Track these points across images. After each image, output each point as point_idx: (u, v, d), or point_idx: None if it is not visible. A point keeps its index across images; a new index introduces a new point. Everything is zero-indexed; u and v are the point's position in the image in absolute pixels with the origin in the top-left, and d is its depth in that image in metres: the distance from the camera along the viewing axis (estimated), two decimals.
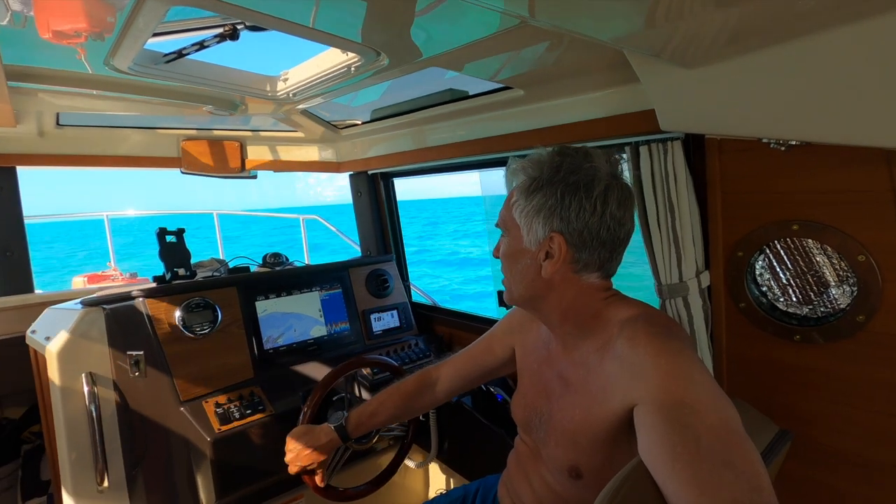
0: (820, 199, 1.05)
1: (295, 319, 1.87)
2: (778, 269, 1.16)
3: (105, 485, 1.34)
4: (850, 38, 0.75)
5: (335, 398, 1.58)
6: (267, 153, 2.21)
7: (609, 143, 1.34)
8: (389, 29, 0.98)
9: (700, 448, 0.66)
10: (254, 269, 2.02)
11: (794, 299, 1.15)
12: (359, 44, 1.06)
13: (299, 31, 0.97)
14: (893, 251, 0.97)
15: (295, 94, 1.48)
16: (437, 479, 2.11)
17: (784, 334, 1.15)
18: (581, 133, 1.36)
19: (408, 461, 1.86)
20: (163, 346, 1.55)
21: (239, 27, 1.11)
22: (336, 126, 2.08)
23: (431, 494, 2.13)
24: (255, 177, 2.24)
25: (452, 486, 2.03)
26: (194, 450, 1.49)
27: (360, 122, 2.04)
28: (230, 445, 1.48)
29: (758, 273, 1.20)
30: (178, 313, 1.60)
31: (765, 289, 1.19)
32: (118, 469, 1.40)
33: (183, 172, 2.08)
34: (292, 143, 2.23)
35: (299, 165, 2.31)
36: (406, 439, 1.61)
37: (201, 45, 1.17)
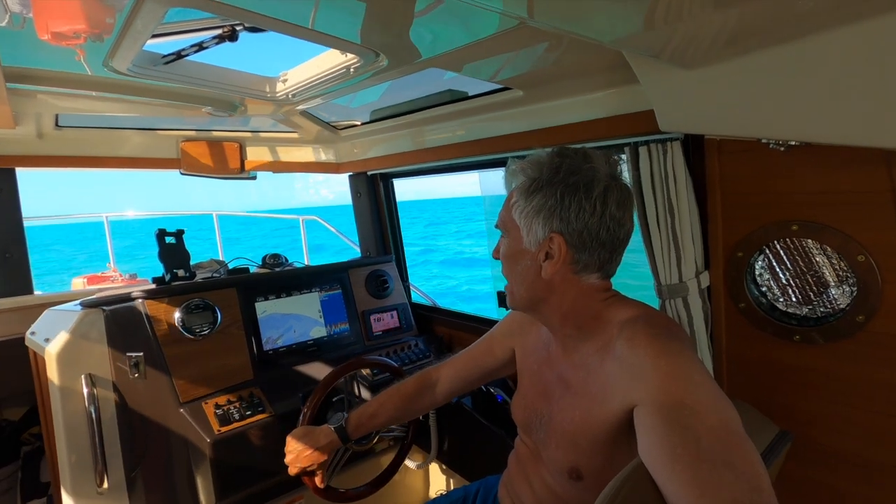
0: (819, 200, 1.05)
1: (294, 320, 1.87)
2: (778, 270, 1.16)
3: (105, 486, 1.34)
4: (849, 39, 0.75)
5: (335, 399, 1.58)
6: (266, 154, 2.21)
7: (608, 143, 1.34)
8: (388, 30, 0.98)
9: (700, 449, 0.66)
10: (253, 270, 2.02)
11: (793, 299, 1.15)
12: (358, 45, 1.06)
13: (298, 32, 0.97)
14: (893, 251, 0.97)
15: (294, 95, 1.48)
16: (438, 480, 2.11)
17: (784, 334, 1.15)
18: (580, 134, 1.36)
19: (408, 462, 1.86)
20: (162, 347, 1.55)
21: (238, 28, 1.11)
22: (335, 127, 2.08)
23: (432, 495, 2.13)
24: (254, 177, 2.23)
25: (453, 487, 2.03)
26: (194, 451, 1.49)
27: (359, 123, 2.04)
28: (230, 446, 1.48)
29: (757, 273, 1.20)
30: (177, 314, 1.60)
31: (764, 289, 1.19)
32: (118, 470, 1.40)
33: (182, 173, 2.07)
34: (292, 143, 2.23)
35: (299, 166, 2.31)
36: (406, 440, 1.61)
37: (200, 47, 1.17)
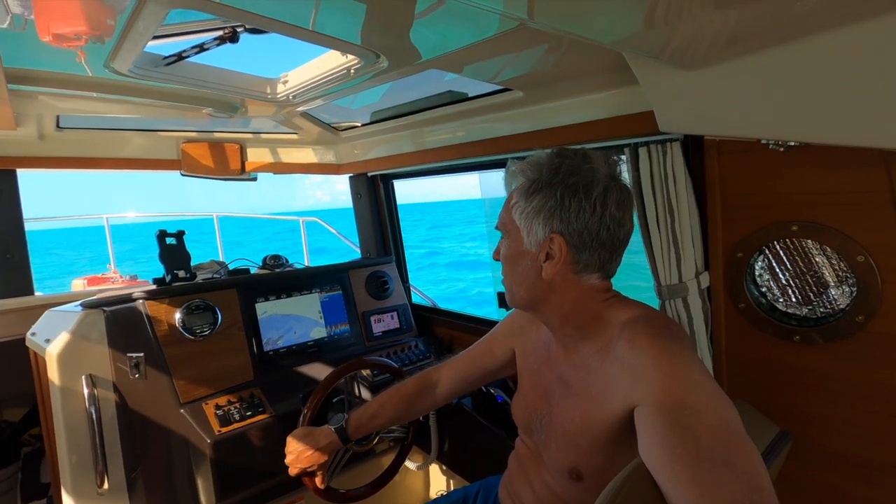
0: (819, 200, 1.05)
1: (295, 321, 1.87)
2: (777, 270, 1.16)
3: (105, 487, 1.34)
4: (848, 40, 0.75)
5: (335, 400, 1.58)
6: (267, 155, 2.21)
7: (608, 144, 1.34)
8: (389, 31, 0.99)
9: (700, 449, 0.66)
10: (254, 271, 2.02)
11: (793, 300, 1.15)
12: (358, 46, 1.06)
13: (299, 33, 0.97)
14: (892, 252, 0.97)
15: (295, 97, 1.48)
16: (438, 481, 2.11)
17: (784, 335, 1.15)
18: (580, 134, 1.37)
19: (408, 463, 1.86)
20: (163, 347, 1.55)
21: (239, 30, 1.12)
22: (336, 128, 2.08)
23: (432, 496, 2.13)
24: (254, 179, 2.23)
25: (453, 488, 2.02)
26: (194, 451, 1.49)
27: (359, 124, 2.04)
28: (230, 447, 1.48)
29: (757, 274, 1.20)
30: (178, 315, 1.60)
31: (764, 289, 1.19)
32: (118, 471, 1.40)
33: (183, 174, 2.07)
34: (292, 145, 2.24)
35: (299, 167, 2.31)
36: (406, 441, 1.61)
37: (201, 48, 1.17)
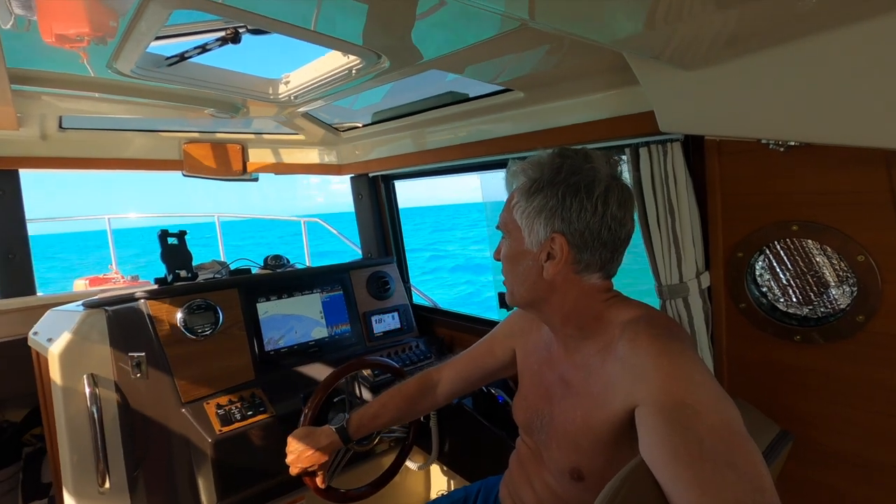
0: (819, 200, 1.05)
1: (296, 321, 1.87)
2: (778, 270, 1.16)
3: (106, 486, 1.34)
4: (848, 40, 0.76)
5: (336, 400, 1.58)
6: (268, 156, 2.21)
7: (609, 144, 1.34)
8: (390, 32, 0.99)
9: (702, 449, 0.66)
10: (255, 271, 2.03)
11: (794, 300, 1.15)
12: (360, 46, 1.07)
13: (301, 33, 0.98)
14: (893, 252, 0.97)
15: (296, 97, 1.49)
16: (438, 481, 2.11)
17: (784, 335, 1.15)
18: (581, 135, 1.37)
19: (409, 463, 1.86)
20: (164, 347, 1.55)
21: (241, 30, 1.12)
22: (337, 129, 2.09)
23: (432, 496, 2.13)
24: (256, 179, 2.24)
25: (453, 488, 2.02)
26: (195, 451, 1.49)
27: (361, 125, 2.04)
28: (231, 446, 1.48)
29: (758, 274, 1.20)
30: (179, 315, 1.61)
31: (765, 289, 1.20)
32: (119, 470, 1.40)
33: (185, 175, 2.08)
34: (294, 145, 2.24)
35: (301, 168, 2.32)
36: (407, 441, 1.61)
37: (203, 49, 1.18)
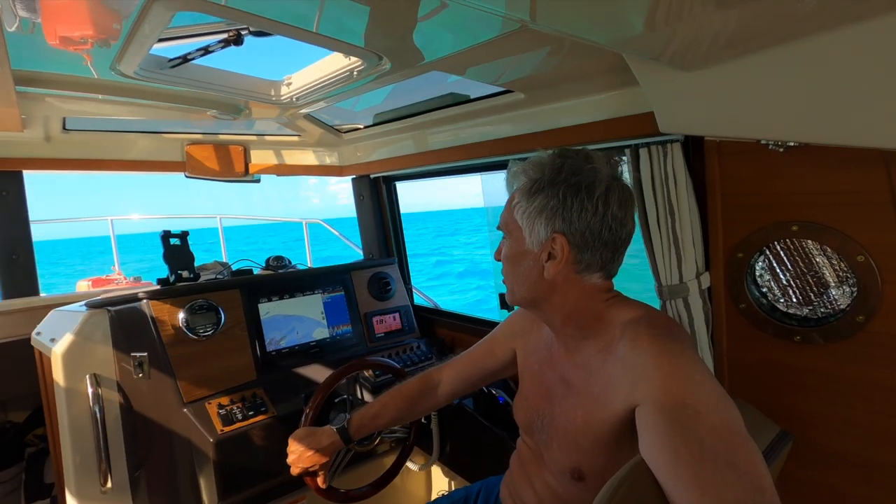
0: (819, 201, 1.05)
1: (297, 322, 1.88)
2: (778, 270, 1.16)
3: (108, 486, 1.35)
4: (847, 40, 0.76)
5: (337, 400, 1.58)
6: (270, 157, 2.22)
7: (609, 145, 1.35)
8: (392, 33, 0.99)
9: (702, 449, 0.66)
10: (257, 271, 2.03)
11: (794, 300, 1.15)
12: (361, 48, 1.07)
13: (303, 35, 0.98)
14: (892, 252, 0.98)
15: (298, 99, 1.50)
16: (439, 481, 2.11)
17: (784, 335, 1.15)
18: (581, 136, 1.37)
19: (409, 463, 1.86)
20: (166, 347, 1.56)
21: (243, 32, 1.13)
22: (339, 130, 2.09)
23: (433, 496, 2.13)
24: (258, 180, 2.25)
25: (454, 488, 2.02)
26: (197, 451, 1.49)
27: (362, 127, 2.05)
28: (233, 446, 1.48)
29: (758, 274, 1.20)
30: (181, 315, 1.61)
31: (765, 290, 1.20)
32: (121, 470, 1.41)
33: (187, 176, 2.09)
34: (295, 147, 2.25)
35: (302, 169, 2.33)
36: (408, 441, 1.61)
37: (206, 51, 1.18)
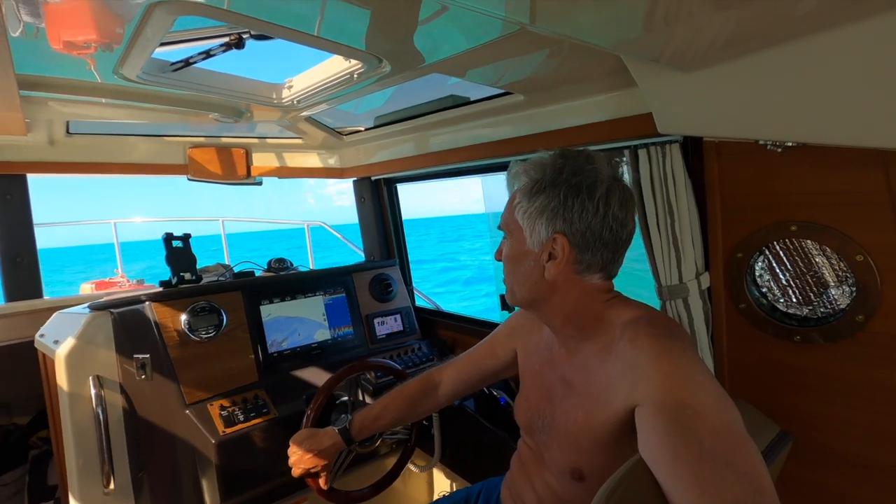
0: (818, 201, 1.05)
1: (299, 323, 1.89)
2: (777, 270, 1.16)
3: (111, 488, 1.35)
4: (845, 40, 0.76)
5: (338, 402, 1.58)
6: (272, 160, 2.23)
7: (608, 146, 1.35)
8: (393, 36, 1.00)
9: (702, 449, 0.66)
10: (258, 273, 2.04)
11: (794, 300, 1.15)
12: (362, 51, 1.08)
13: (304, 39, 0.99)
14: (891, 251, 0.98)
15: (299, 102, 1.51)
16: (440, 482, 2.11)
17: (784, 335, 1.15)
18: (581, 137, 1.38)
19: (411, 465, 1.86)
20: (169, 349, 1.56)
21: (245, 36, 1.14)
22: (340, 132, 2.10)
23: (434, 497, 2.13)
24: (260, 183, 2.26)
25: (455, 489, 2.02)
26: (199, 452, 1.50)
27: (363, 129, 2.06)
28: (235, 448, 1.49)
29: (757, 274, 1.20)
30: (183, 317, 1.62)
31: (765, 290, 1.20)
32: (124, 472, 1.41)
33: (189, 179, 2.10)
34: (297, 149, 2.26)
35: (304, 172, 2.34)
36: (409, 443, 1.61)
37: (208, 54, 1.20)
